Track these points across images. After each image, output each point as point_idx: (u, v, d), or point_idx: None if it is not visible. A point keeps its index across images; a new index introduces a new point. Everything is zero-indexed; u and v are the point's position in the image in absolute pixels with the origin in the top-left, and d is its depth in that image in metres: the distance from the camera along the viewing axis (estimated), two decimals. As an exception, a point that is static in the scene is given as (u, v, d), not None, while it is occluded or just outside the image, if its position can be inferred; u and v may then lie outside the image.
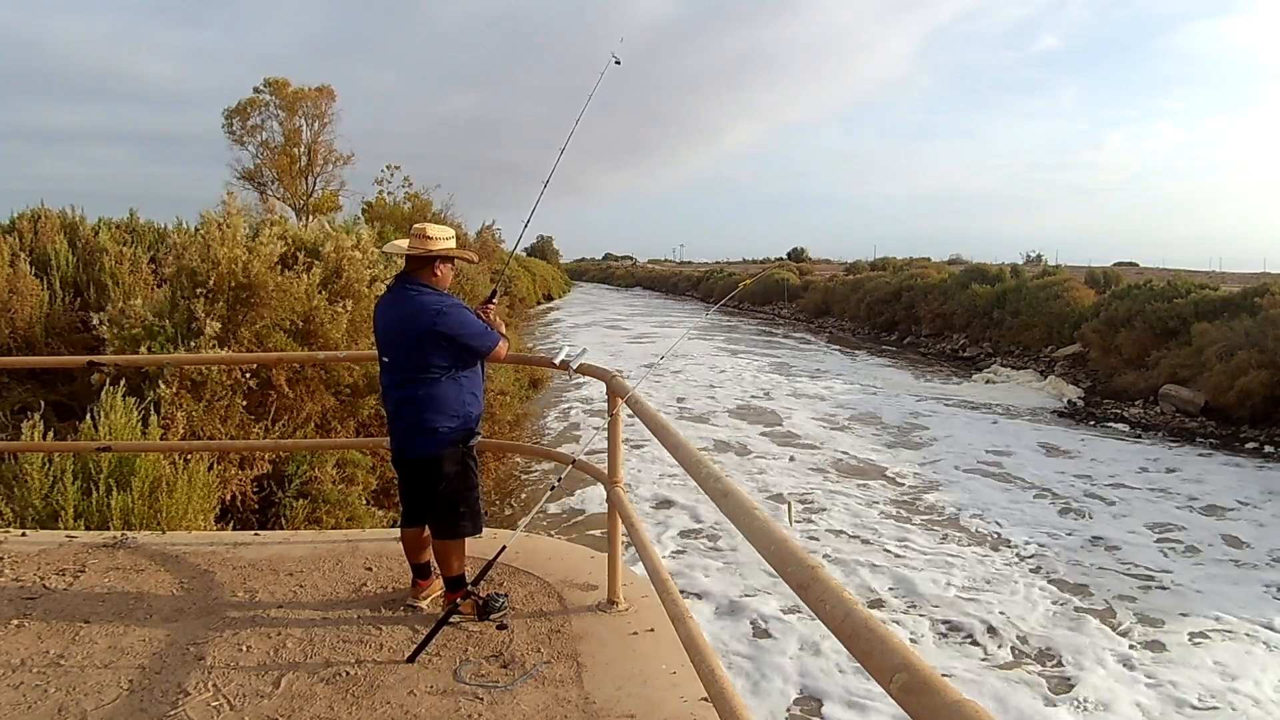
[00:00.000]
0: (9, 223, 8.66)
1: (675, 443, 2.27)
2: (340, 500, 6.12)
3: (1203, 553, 8.29)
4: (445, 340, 3.06)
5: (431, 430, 3.10)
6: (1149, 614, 6.81)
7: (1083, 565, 7.85)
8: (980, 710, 0.90)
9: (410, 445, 3.16)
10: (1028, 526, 8.92)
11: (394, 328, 3.14)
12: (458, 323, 3.06)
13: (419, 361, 3.08)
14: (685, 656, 2.20)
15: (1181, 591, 7.29)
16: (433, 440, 3.11)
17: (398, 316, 3.13)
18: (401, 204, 23.50)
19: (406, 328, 3.09)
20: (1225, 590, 7.32)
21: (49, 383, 6.42)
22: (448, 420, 3.11)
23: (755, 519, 1.58)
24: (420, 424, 3.10)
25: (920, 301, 27.86)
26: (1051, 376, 19.08)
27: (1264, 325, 14.17)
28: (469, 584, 3.18)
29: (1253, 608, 6.93)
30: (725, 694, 1.82)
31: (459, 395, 3.14)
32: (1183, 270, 27.86)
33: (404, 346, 3.11)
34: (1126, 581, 7.49)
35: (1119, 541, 8.51)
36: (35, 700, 2.60)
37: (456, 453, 3.16)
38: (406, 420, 3.14)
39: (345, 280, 7.26)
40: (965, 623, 6.58)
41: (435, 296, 3.12)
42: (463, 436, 3.16)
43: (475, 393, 3.22)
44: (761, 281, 42.56)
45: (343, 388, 6.93)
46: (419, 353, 3.08)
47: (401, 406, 3.14)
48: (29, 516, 4.57)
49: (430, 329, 3.03)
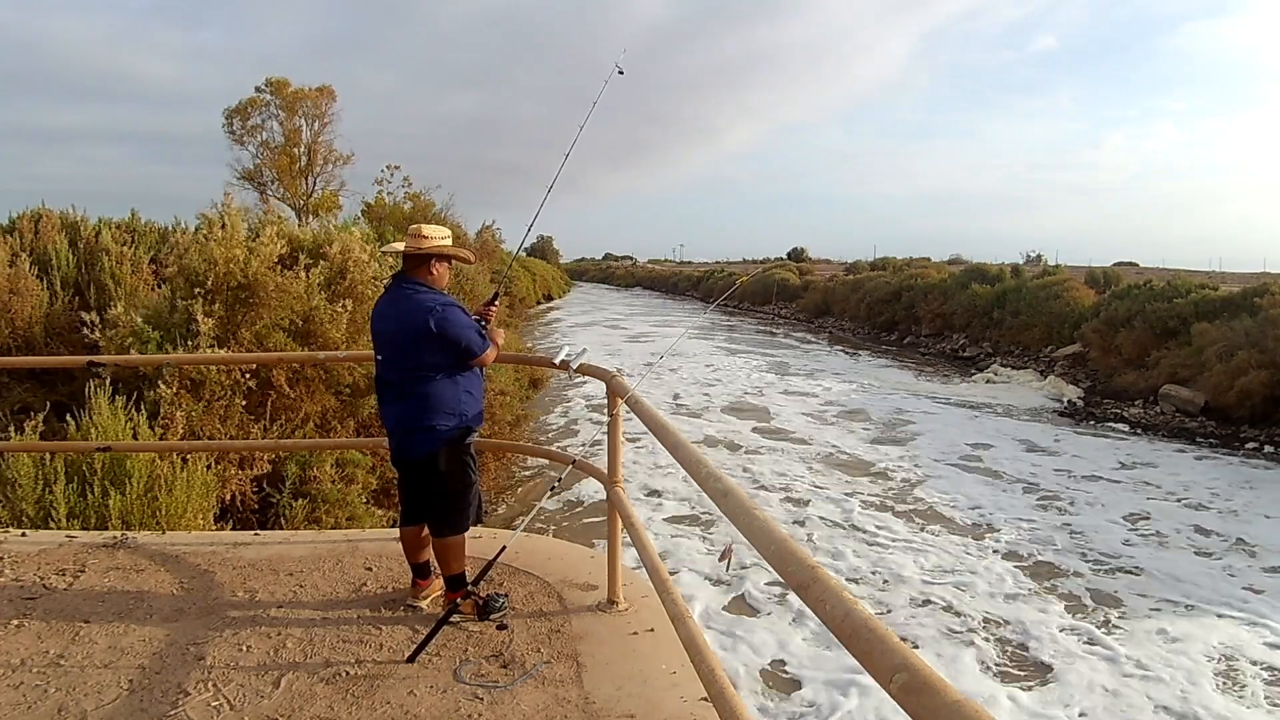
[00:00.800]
0: (9, 223, 8.65)
1: (675, 442, 2.26)
2: (340, 500, 6.12)
3: (1169, 539, 8.70)
4: (440, 339, 3.06)
5: (429, 429, 3.11)
6: (1108, 591, 7.23)
7: (1051, 548, 8.28)
8: (980, 710, 0.90)
9: (409, 444, 3.17)
10: (1004, 514, 9.35)
11: (391, 327, 3.15)
12: (451, 323, 3.07)
13: (415, 361, 3.09)
14: (685, 656, 2.20)
15: (1143, 572, 7.71)
16: (430, 439, 3.12)
17: (394, 315, 3.14)
18: (401, 204, 23.48)
19: (403, 327, 3.10)
20: (1183, 570, 7.77)
21: (49, 383, 6.42)
22: (445, 419, 3.11)
23: (755, 519, 1.58)
24: (417, 423, 3.11)
25: (920, 301, 27.86)
26: (1051, 376, 19.08)
27: (1264, 325, 14.17)
28: (469, 584, 3.19)
29: (1209, 587, 7.37)
30: (725, 694, 1.82)
31: (455, 394, 3.14)
32: (1183, 270, 27.89)
33: (401, 346, 3.12)
34: (1088, 563, 7.90)
35: (1086, 528, 8.92)
36: (35, 700, 2.60)
37: (454, 451, 3.16)
38: (399, 420, 3.15)
39: (350, 281, 7.27)
40: (932, 597, 7.03)
41: (431, 295, 3.13)
42: (460, 435, 3.17)
43: (472, 391, 3.22)
44: (761, 281, 42.56)
45: (343, 387, 6.93)
46: (415, 352, 3.09)
47: (392, 404, 3.17)
48: (23, 518, 4.57)
49: (425, 328, 3.04)
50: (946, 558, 7.94)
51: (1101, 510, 9.57)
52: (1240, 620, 6.64)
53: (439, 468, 3.15)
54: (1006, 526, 8.89)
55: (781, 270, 46.92)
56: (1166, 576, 7.56)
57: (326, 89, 31.12)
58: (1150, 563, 7.93)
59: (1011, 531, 8.71)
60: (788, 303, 40.74)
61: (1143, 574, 7.63)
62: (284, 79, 30.65)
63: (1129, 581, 7.45)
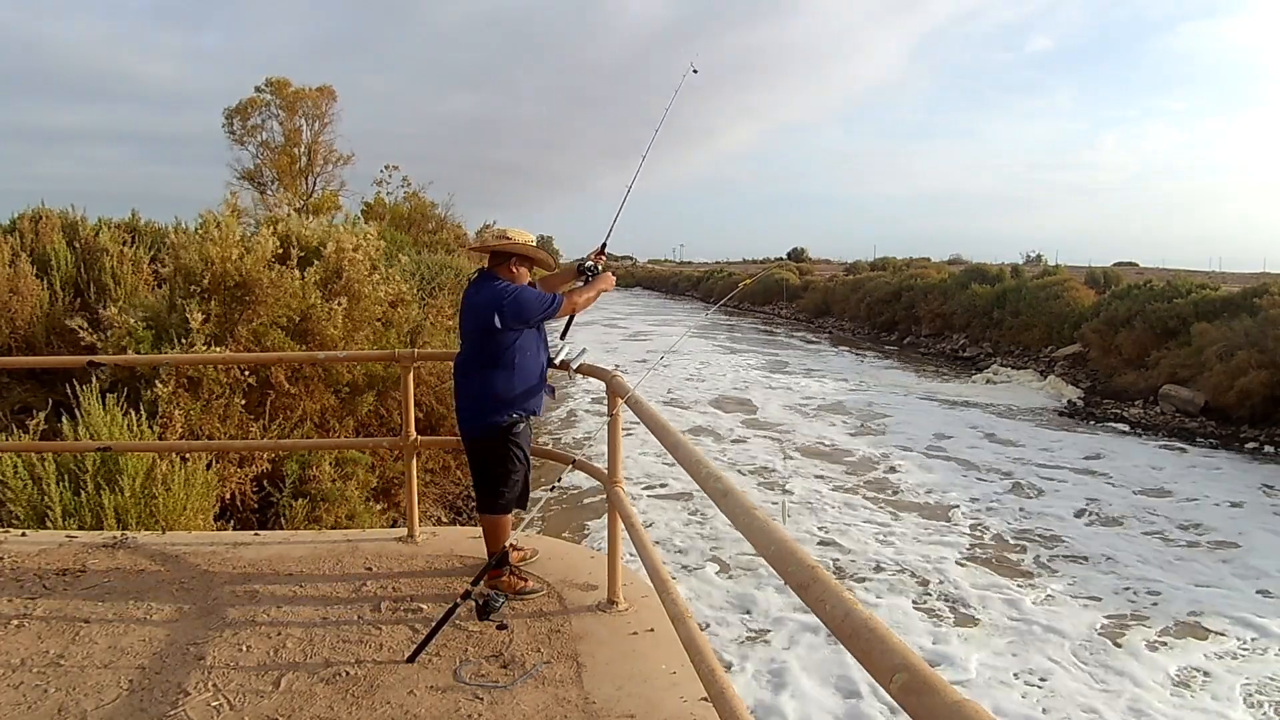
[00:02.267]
0: (9, 223, 8.65)
1: (675, 442, 2.26)
2: (340, 498, 6.12)
3: (1121, 523, 9.19)
4: (517, 315, 3.27)
5: (481, 413, 3.36)
6: (1053, 566, 7.81)
7: (1011, 529, 8.83)
8: (980, 710, 0.90)
9: (466, 425, 3.43)
10: (970, 498, 9.93)
11: (466, 314, 3.43)
12: (518, 301, 3.28)
13: (479, 348, 3.36)
14: (685, 656, 2.20)
15: (1085, 551, 8.23)
16: (482, 423, 3.37)
17: (469, 304, 3.41)
18: (401, 204, 23.49)
19: (474, 314, 3.36)
20: (1120, 547, 8.34)
21: (49, 383, 6.41)
22: (496, 405, 3.33)
23: (755, 519, 1.57)
24: (472, 408, 3.38)
25: (920, 301, 27.85)
26: (1051, 376, 19.07)
27: (1264, 325, 14.16)
28: (470, 584, 3.19)
29: (1145, 560, 7.96)
30: (725, 694, 1.82)
31: (509, 383, 3.35)
32: (1183, 270, 27.85)
33: (471, 333, 3.39)
34: (1039, 542, 8.47)
35: (1042, 511, 9.45)
36: (35, 700, 2.60)
37: (502, 436, 3.37)
38: (463, 401, 3.43)
39: (346, 280, 7.27)
40: (890, 566, 7.69)
41: (507, 285, 3.36)
42: (510, 422, 3.36)
43: (528, 382, 3.41)
44: (762, 281, 42.51)
45: (342, 386, 6.93)
46: (480, 340, 3.34)
47: (461, 388, 3.44)
48: (22, 518, 4.56)
49: (491, 318, 3.26)
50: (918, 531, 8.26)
51: (1055, 495, 10.08)
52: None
53: (487, 450, 3.39)
54: (973, 509, 9.26)
55: (781, 270, 46.90)
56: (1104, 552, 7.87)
57: (327, 89, 31.08)
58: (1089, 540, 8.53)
59: (977, 514, 8.83)
60: (788, 303, 40.73)
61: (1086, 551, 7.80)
62: (284, 79, 30.63)
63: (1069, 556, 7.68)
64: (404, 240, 16.66)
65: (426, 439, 4.20)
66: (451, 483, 8.69)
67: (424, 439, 4.16)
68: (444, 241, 23.43)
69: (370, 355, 6.55)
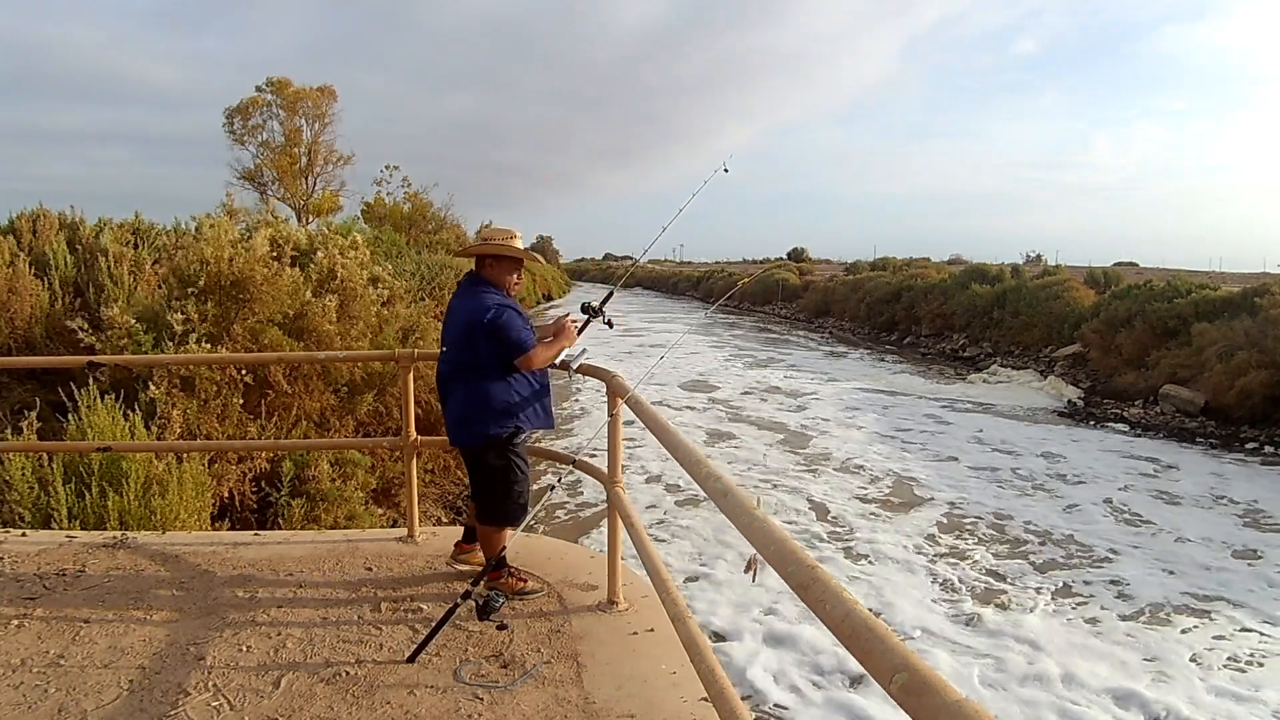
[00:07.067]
0: (8, 223, 8.65)
1: (675, 442, 2.26)
2: (339, 498, 6.11)
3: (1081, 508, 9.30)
4: (491, 337, 3.19)
5: (477, 424, 3.25)
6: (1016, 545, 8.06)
7: (982, 517, 8.95)
8: (980, 710, 0.90)
9: (457, 434, 3.34)
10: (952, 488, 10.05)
11: (453, 320, 3.35)
12: (502, 324, 3.19)
13: (468, 356, 3.24)
14: (685, 656, 2.20)
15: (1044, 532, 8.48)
16: (477, 433, 3.26)
17: (458, 309, 3.34)
18: (401, 204, 23.49)
19: (461, 321, 3.28)
20: (1079, 529, 8.55)
21: (49, 383, 6.41)
22: (493, 416, 3.24)
23: (755, 518, 1.57)
24: (468, 417, 3.26)
25: (920, 301, 27.81)
26: (1051, 376, 19.05)
27: (1264, 325, 14.15)
28: (470, 584, 3.19)
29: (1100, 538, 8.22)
30: (725, 694, 1.82)
31: (507, 393, 3.26)
32: (1183, 270, 27.86)
33: (457, 339, 3.30)
34: (999, 525, 8.66)
35: (1010, 501, 9.54)
36: (35, 700, 2.60)
37: (500, 449, 3.28)
38: (454, 410, 3.31)
39: (340, 281, 7.27)
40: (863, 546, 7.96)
41: (495, 296, 3.28)
42: (508, 435, 3.28)
43: (523, 393, 3.32)
44: (762, 281, 42.50)
45: (341, 385, 6.92)
46: (469, 347, 3.23)
47: (450, 396, 3.32)
48: (18, 519, 4.56)
49: (479, 326, 3.19)
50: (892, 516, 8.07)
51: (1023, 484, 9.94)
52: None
53: (483, 461, 3.30)
54: (949, 497, 9.09)
55: (782, 270, 46.88)
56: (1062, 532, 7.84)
57: (327, 89, 31.12)
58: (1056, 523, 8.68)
59: (950, 502, 8.84)
60: (788, 302, 40.71)
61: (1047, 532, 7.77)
62: (285, 79, 30.65)
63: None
64: (399, 242, 16.63)
65: (426, 439, 4.18)
66: (451, 483, 8.68)
67: (424, 439, 4.16)
68: (444, 242, 23.44)
69: (369, 355, 6.54)
